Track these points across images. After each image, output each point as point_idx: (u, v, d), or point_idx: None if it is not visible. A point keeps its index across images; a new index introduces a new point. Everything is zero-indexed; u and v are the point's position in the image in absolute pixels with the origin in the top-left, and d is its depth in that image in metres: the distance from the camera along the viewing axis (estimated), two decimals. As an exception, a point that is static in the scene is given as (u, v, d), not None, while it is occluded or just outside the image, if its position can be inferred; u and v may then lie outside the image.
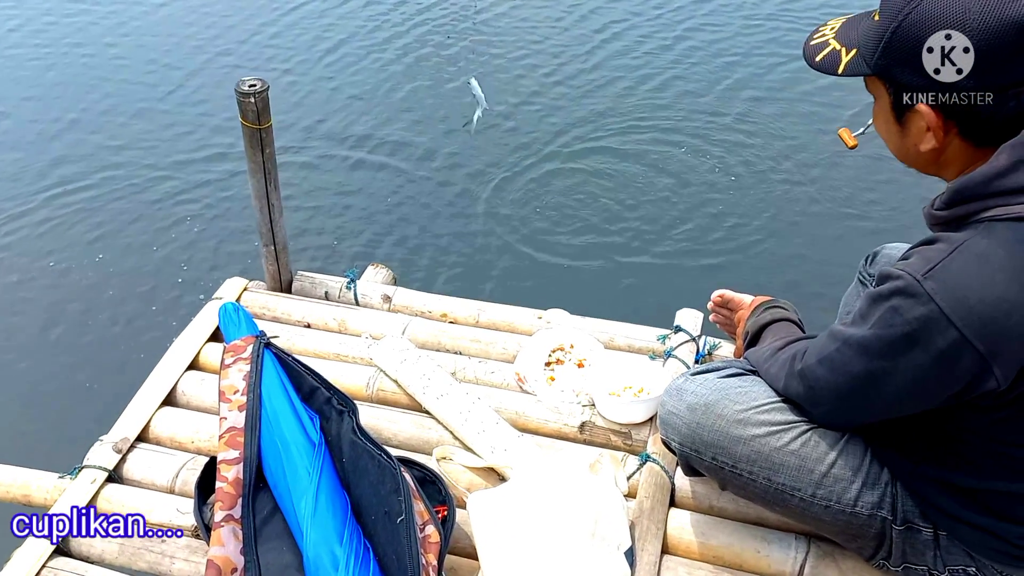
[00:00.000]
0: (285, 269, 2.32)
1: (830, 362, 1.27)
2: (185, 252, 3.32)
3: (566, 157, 3.76)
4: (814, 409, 1.36)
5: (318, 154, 3.81)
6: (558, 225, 3.38)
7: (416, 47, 4.58)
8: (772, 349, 1.47)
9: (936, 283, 1.11)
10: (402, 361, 1.97)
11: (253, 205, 2.21)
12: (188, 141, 3.94)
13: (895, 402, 1.24)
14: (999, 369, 1.11)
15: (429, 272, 3.17)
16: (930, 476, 1.33)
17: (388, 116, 4.05)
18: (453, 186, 3.60)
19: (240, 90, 2.01)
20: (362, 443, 1.60)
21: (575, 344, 2.06)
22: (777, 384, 1.40)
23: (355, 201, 3.53)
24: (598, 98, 4.16)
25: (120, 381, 2.53)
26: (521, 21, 4.82)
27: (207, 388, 2.00)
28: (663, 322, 2.17)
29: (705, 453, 1.45)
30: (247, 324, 2.00)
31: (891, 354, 1.17)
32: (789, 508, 1.43)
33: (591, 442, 1.86)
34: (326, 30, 4.75)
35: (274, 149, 2.12)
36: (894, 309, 1.14)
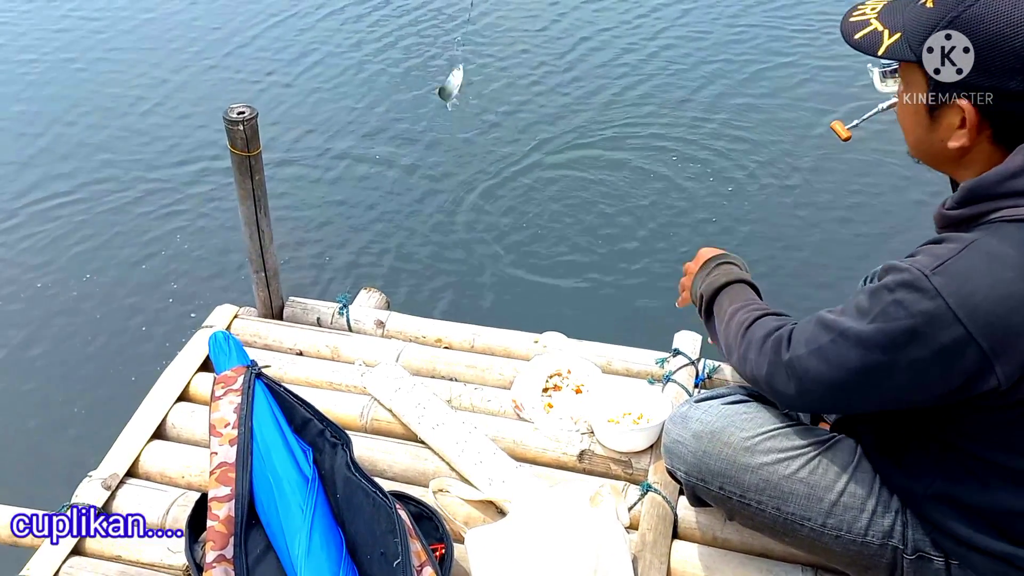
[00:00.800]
0: (276, 295, 2.30)
1: (823, 354, 1.22)
2: (173, 274, 3.28)
3: (556, 173, 3.74)
4: (801, 399, 1.30)
5: (305, 175, 3.78)
6: (550, 244, 3.36)
7: (397, 61, 4.57)
8: (740, 325, 1.40)
9: (944, 279, 1.10)
10: (396, 390, 1.94)
11: (243, 232, 2.18)
12: (175, 156, 3.92)
13: (891, 397, 1.21)
14: (1001, 368, 1.10)
15: (423, 294, 3.14)
16: (941, 495, 1.29)
17: (376, 134, 4.03)
18: (444, 206, 3.58)
19: (228, 118, 1.99)
20: (356, 479, 1.57)
21: (572, 369, 2.04)
22: (759, 371, 1.33)
23: (345, 223, 3.50)
24: (582, 110, 4.15)
25: (108, 412, 2.49)
26: (507, 32, 4.83)
27: (198, 420, 1.97)
28: (661, 345, 2.15)
29: (712, 482, 1.43)
30: (237, 353, 1.98)
31: (892, 348, 1.14)
32: (799, 539, 1.41)
33: (590, 471, 1.84)
34: (309, 46, 4.76)
35: (264, 176, 2.10)
36: (898, 303, 1.12)
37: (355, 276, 3.20)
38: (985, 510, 1.27)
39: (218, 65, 4.59)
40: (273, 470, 1.65)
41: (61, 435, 2.69)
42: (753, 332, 1.36)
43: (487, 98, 4.25)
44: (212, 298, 2.99)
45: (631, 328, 2.84)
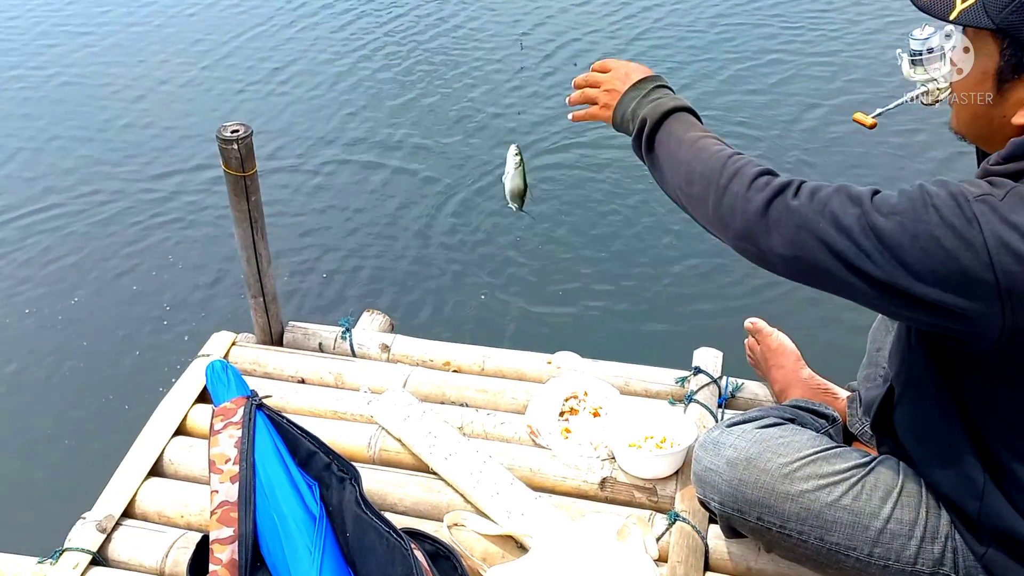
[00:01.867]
0: (276, 320, 2.23)
1: (835, 218, 1.12)
2: (167, 297, 3.21)
3: (555, 185, 3.69)
4: (782, 252, 1.17)
5: (297, 192, 3.72)
6: (558, 258, 3.29)
7: (387, 72, 4.58)
8: (719, 153, 1.25)
9: (984, 208, 1.07)
10: (405, 418, 1.88)
11: (240, 256, 2.12)
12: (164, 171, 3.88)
13: (877, 290, 1.12)
14: (1008, 312, 1.06)
15: (428, 315, 3.06)
16: (995, 496, 1.23)
17: (372, 148, 3.99)
18: (447, 223, 3.52)
19: (222, 136, 1.93)
20: (368, 517, 1.50)
21: (589, 391, 1.97)
22: (745, 209, 1.18)
23: (345, 243, 3.43)
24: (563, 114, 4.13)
25: (101, 448, 2.42)
26: (490, 36, 4.83)
27: (196, 455, 1.90)
28: (680, 362, 2.09)
29: (750, 513, 1.37)
30: (237, 384, 1.92)
31: (907, 247, 1.08)
32: (843, 570, 1.36)
33: (613, 500, 1.77)
34: (298, 57, 4.75)
35: (260, 197, 2.03)
36: (935, 208, 1.08)
37: (357, 298, 3.13)
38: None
39: (208, 77, 4.58)
40: (278, 508, 1.60)
41: (51, 474, 2.58)
42: (743, 166, 1.22)
43: (478, 107, 4.23)
44: (208, 323, 2.93)
45: (647, 345, 2.78)
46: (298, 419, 1.87)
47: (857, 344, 1.89)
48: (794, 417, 1.56)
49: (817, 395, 1.83)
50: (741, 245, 1.21)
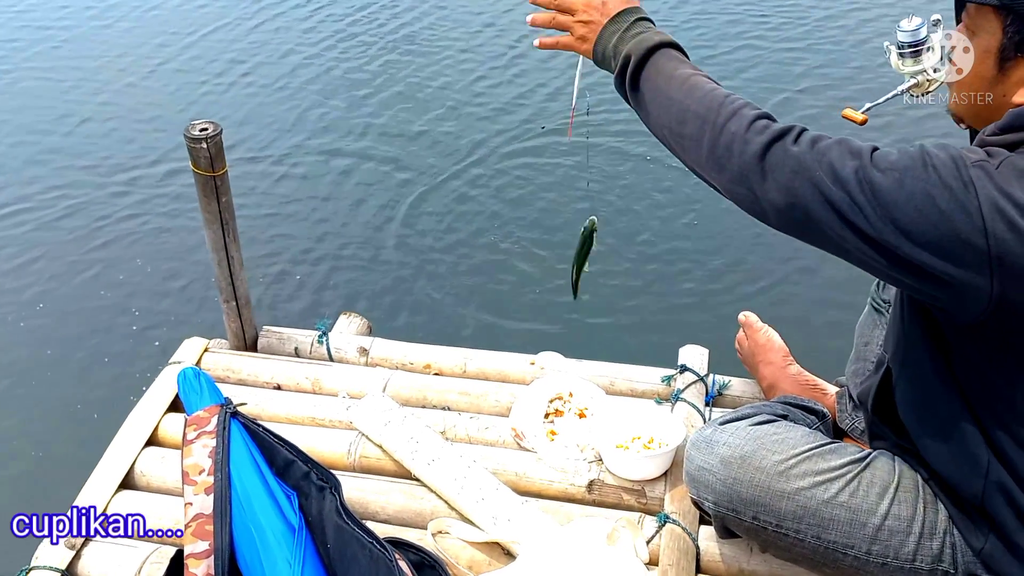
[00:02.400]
0: (249, 325, 2.19)
1: (832, 168, 1.10)
2: (135, 302, 3.14)
3: (535, 182, 3.67)
4: (774, 199, 1.14)
5: (267, 191, 3.67)
6: (540, 256, 3.26)
7: (359, 68, 4.55)
8: (713, 92, 1.21)
9: (980, 172, 1.07)
10: (386, 423, 1.84)
11: (210, 259, 2.07)
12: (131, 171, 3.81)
13: (866, 245, 1.11)
14: (996, 281, 1.06)
15: (407, 317, 3.02)
16: (1000, 479, 1.22)
17: (344, 146, 3.94)
18: (425, 221, 3.48)
19: (190, 135, 1.88)
20: (349, 527, 1.46)
21: (574, 392, 1.94)
22: (743, 151, 1.15)
23: (318, 244, 3.38)
24: (543, 108, 4.12)
25: (69, 459, 2.35)
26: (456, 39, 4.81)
27: (169, 466, 1.85)
28: (666, 361, 2.06)
29: (745, 513, 1.35)
30: (210, 391, 1.87)
31: (901, 204, 1.07)
32: (841, 569, 1.34)
33: (601, 503, 1.74)
34: (265, 52, 4.71)
35: (231, 197, 1.99)
36: (935, 168, 1.07)
37: (333, 300, 3.08)
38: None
39: (171, 74, 4.53)
40: (255, 520, 1.56)
41: (16, 488, 2.51)
42: (741, 107, 1.18)
43: (450, 100, 4.21)
44: (179, 329, 2.86)
45: (632, 344, 2.75)
46: (275, 427, 1.82)
47: (845, 339, 1.88)
48: (786, 414, 1.54)
49: (806, 391, 1.82)
50: (734, 189, 1.17)
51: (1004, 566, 1.24)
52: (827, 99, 4.01)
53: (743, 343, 1.98)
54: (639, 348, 2.62)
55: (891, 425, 1.39)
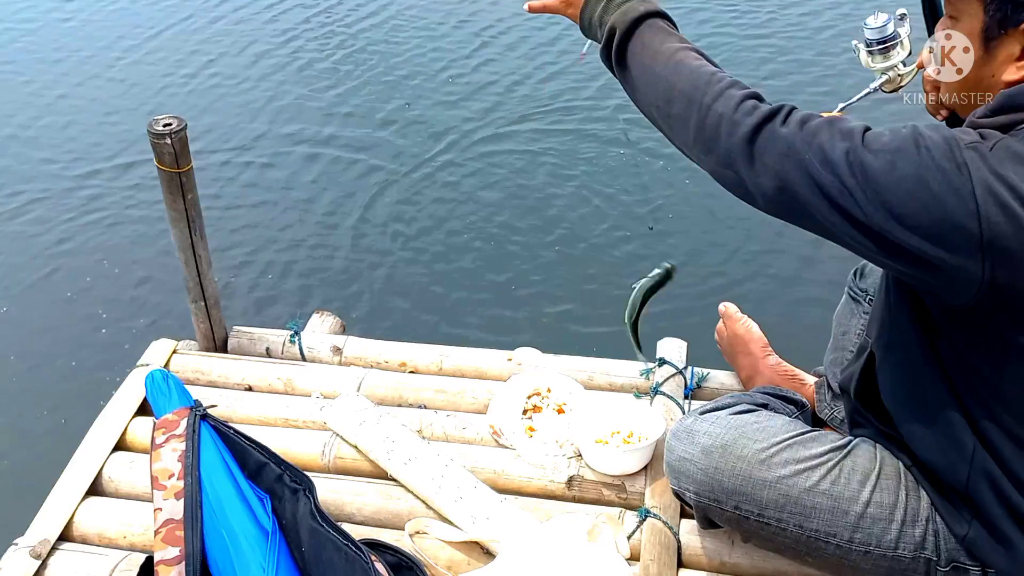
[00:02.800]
0: (219, 326, 2.15)
1: (823, 150, 1.08)
2: (102, 303, 3.09)
3: (503, 171, 3.65)
4: (763, 182, 1.12)
5: (233, 188, 3.62)
6: (513, 250, 3.24)
7: (325, 64, 4.51)
8: (700, 69, 1.18)
9: (973, 155, 1.04)
10: (361, 423, 1.81)
11: (178, 257, 2.03)
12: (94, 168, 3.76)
13: (854, 228, 1.08)
14: (988, 266, 1.04)
15: (381, 314, 2.98)
16: (984, 467, 1.21)
17: (311, 140, 3.90)
18: (395, 216, 3.44)
19: (154, 130, 1.84)
20: (324, 530, 1.44)
21: (552, 387, 1.93)
22: (732, 132, 1.12)
23: (288, 242, 3.33)
24: (512, 103, 4.11)
25: (34, 466, 2.31)
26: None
27: (138, 471, 1.81)
28: (645, 354, 2.04)
29: (727, 502, 1.35)
30: (179, 394, 1.84)
31: (893, 187, 1.05)
32: (823, 558, 1.33)
33: (581, 499, 1.72)
34: (227, 47, 4.65)
35: (197, 194, 1.95)
36: (928, 149, 1.04)
37: (305, 299, 3.04)
38: (1015, 477, 1.20)
39: (134, 71, 4.47)
40: (227, 524, 1.53)
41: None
42: (729, 87, 1.15)
43: (419, 94, 4.19)
44: (149, 330, 2.82)
45: (610, 338, 2.73)
46: (246, 429, 1.79)
47: (823, 329, 1.87)
48: (766, 403, 1.54)
49: (784, 381, 1.81)
50: (722, 172, 1.15)
51: (987, 553, 1.24)
52: (802, 97, 4.02)
53: (722, 334, 1.98)
54: (618, 342, 2.60)
55: (874, 411, 1.38)
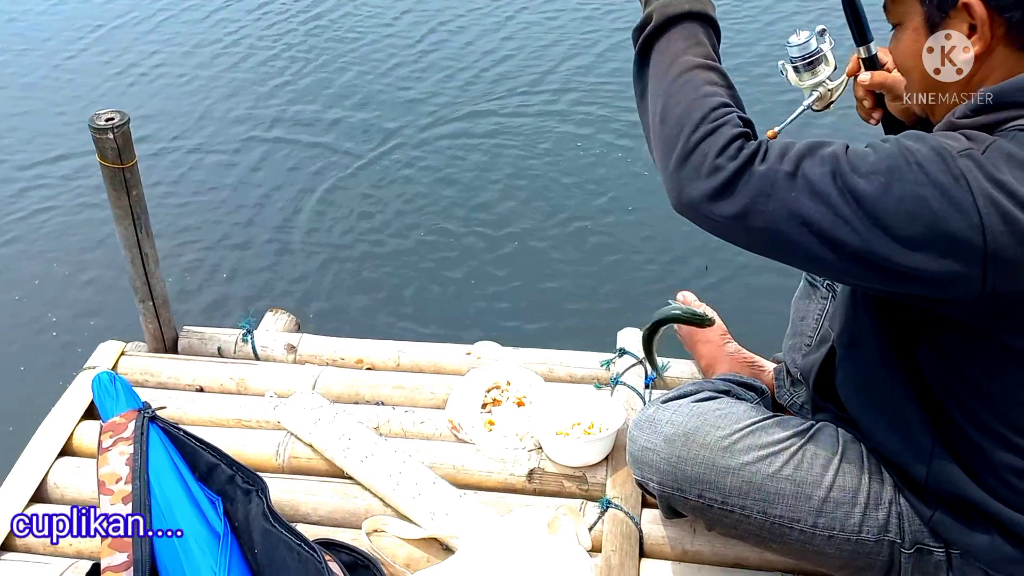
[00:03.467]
0: (168, 326, 2.10)
1: (808, 182, 1.02)
2: (50, 304, 3.01)
3: (457, 164, 3.62)
4: (744, 222, 1.05)
5: (181, 184, 3.54)
6: (469, 242, 3.20)
7: (273, 55, 4.47)
8: (705, 99, 1.11)
9: (969, 163, 1.00)
10: (316, 421, 1.78)
11: (123, 256, 1.98)
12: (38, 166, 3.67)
13: (848, 259, 1.03)
14: (990, 277, 0.99)
15: (336, 311, 2.94)
16: (943, 460, 1.20)
17: (258, 133, 3.85)
18: (348, 210, 3.39)
19: (95, 125, 1.80)
20: (277, 531, 1.41)
21: (512, 380, 1.91)
22: (713, 176, 1.06)
23: (240, 238, 3.27)
24: (456, 95, 4.09)
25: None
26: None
27: (84, 476, 1.77)
28: (604, 345, 2.05)
29: (690, 491, 1.34)
30: (127, 396, 1.81)
31: (890, 213, 0.99)
32: (787, 544, 1.33)
33: (542, 491, 1.71)
34: (168, 42, 4.60)
35: (142, 190, 1.90)
36: (920, 165, 1.00)
37: (258, 297, 2.98)
38: (984, 469, 1.19)
39: (86, 62, 4.40)
40: (177, 528, 1.48)
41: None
42: (722, 125, 1.08)
43: (371, 84, 4.17)
44: (100, 331, 2.74)
45: (570, 329, 2.73)
46: (198, 430, 1.76)
47: (781, 315, 1.88)
48: (728, 390, 1.54)
49: (744, 368, 1.82)
50: (693, 215, 1.10)
51: (954, 533, 1.24)
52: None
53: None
54: (577, 333, 2.60)
55: (833, 402, 1.39)
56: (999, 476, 1.17)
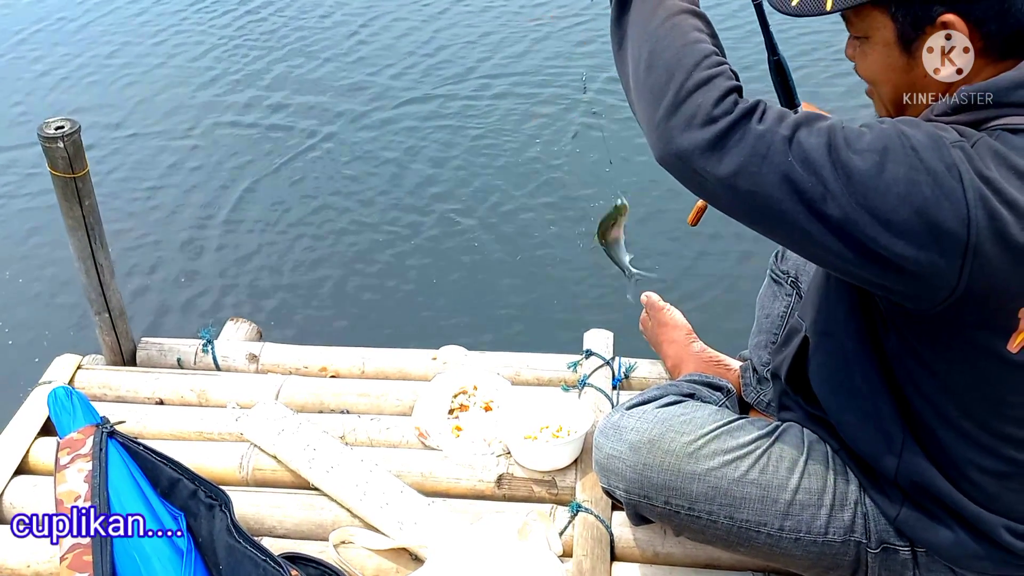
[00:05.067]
0: (126, 338, 2.07)
1: (803, 149, 1.01)
2: (6, 319, 2.96)
3: (413, 164, 3.62)
4: (732, 180, 1.03)
5: (134, 192, 3.50)
6: (434, 246, 3.20)
7: (221, 57, 4.45)
8: (694, 46, 1.08)
9: (961, 154, 0.99)
10: (279, 432, 1.76)
11: (76, 267, 1.95)
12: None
13: (830, 236, 1.02)
14: (967, 271, 0.99)
15: (299, 319, 2.92)
16: (911, 455, 1.21)
17: (210, 138, 3.82)
18: (307, 214, 3.36)
19: (45, 134, 1.76)
20: (241, 547, 1.40)
21: (479, 385, 1.91)
22: (706, 128, 1.03)
23: (197, 246, 3.23)
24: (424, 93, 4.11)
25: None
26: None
27: (41, 495, 1.73)
28: (571, 347, 2.05)
29: (657, 498, 1.34)
30: (84, 411, 1.79)
31: (880, 191, 0.99)
32: (755, 547, 1.34)
33: (512, 497, 1.71)
34: (117, 46, 4.56)
35: (95, 200, 1.87)
36: (914, 150, 0.99)
37: (218, 306, 2.95)
38: (948, 464, 1.20)
39: (22, 71, 4.33)
40: (138, 546, 1.49)
41: None
42: (718, 75, 1.06)
43: (325, 80, 4.18)
44: (51, 345, 2.70)
45: (537, 332, 2.73)
46: (159, 444, 1.74)
47: (746, 314, 1.90)
48: (693, 392, 1.54)
49: (710, 368, 1.83)
50: (680, 167, 1.06)
51: (919, 531, 1.25)
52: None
53: (647, 323, 1.99)
54: (544, 336, 2.60)
55: (804, 394, 1.39)
56: (961, 471, 1.19)
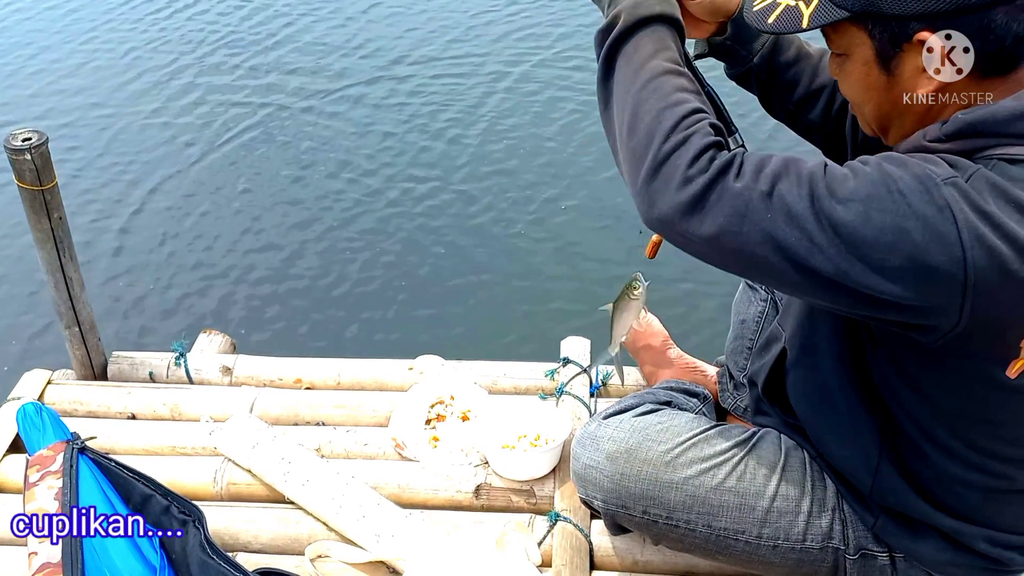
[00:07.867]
0: (96, 352, 2.06)
1: (783, 204, 0.98)
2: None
3: (385, 169, 3.64)
4: (717, 241, 1.02)
5: (102, 204, 3.49)
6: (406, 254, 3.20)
7: (193, 65, 4.45)
8: (673, 113, 1.06)
9: (953, 192, 0.96)
10: (254, 445, 1.75)
11: (46, 281, 1.93)
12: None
13: (822, 285, 1.01)
14: (968, 308, 0.98)
15: (273, 331, 2.91)
16: (888, 467, 1.22)
17: (182, 149, 3.81)
18: (279, 224, 3.36)
19: (11, 146, 1.75)
20: (215, 563, 1.39)
21: (456, 394, 1.92)
22: (683, 190, 1.02)
23: (169, 258, 3.22)
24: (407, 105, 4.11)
25: None
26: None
27: (10, 514, 1.70)
28: (548, 355, 2.06)
29: (635, 508, 1.35)
30: (54, 427, 1.77)
31: (870, 243, 0.97)
32: (734, 555, 1.35)
33: (490, 507, 1.71)
34: (82, 55, 4.56)
35: (64, 212, 1.86)
36: (901, 194, 0.96)
37: (191, 318, 2.94)
38: (930, 480, 1.21)
39: None
40: (111, 565, 1.47)
41: None
42: (693, 134, 1.04)
43: (294, 86, 4.18)
44: (20, 360, 2.68)
45: (513, 340, 2.74)
46: (131, 460, 1.73)
47: (722, 320, 1.92)
48: (669, 399, 1.55)
49: (687, 374, 1.84)
50: (665, 230, 1.06)
51: (897, 539, 1.27)
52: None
53: None
54: (521, 344, 2.62)
55: (780, 404, 1.40)
56: (946, 487, 1.20)
